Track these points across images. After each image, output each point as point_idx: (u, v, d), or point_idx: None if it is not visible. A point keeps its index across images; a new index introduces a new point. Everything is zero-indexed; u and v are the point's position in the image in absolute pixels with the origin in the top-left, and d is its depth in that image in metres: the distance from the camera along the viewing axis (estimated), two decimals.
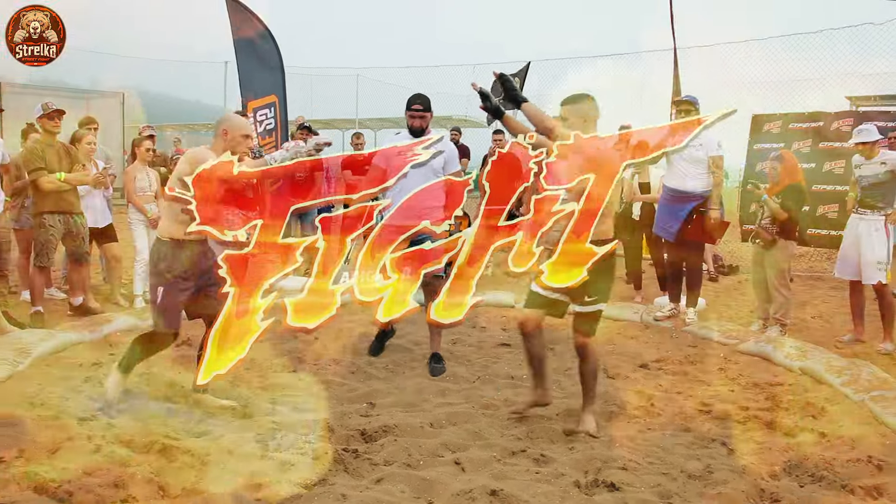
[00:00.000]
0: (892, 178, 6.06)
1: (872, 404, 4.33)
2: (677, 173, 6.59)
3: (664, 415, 4.40)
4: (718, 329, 6.40)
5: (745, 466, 3.53)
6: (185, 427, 3.99)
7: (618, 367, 5.35)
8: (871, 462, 3.53)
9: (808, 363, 5.24)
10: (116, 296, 7.35)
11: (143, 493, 3.12)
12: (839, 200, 9.68)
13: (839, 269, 6.50)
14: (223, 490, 3.17)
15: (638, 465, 3.52)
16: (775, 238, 6.32)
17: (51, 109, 6.43)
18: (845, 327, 6.92)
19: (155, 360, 5.24)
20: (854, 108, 12.09)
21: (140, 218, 7.35)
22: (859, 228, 6.21)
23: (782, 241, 6.34)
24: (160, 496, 3.15)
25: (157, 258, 4.09)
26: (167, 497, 3.16)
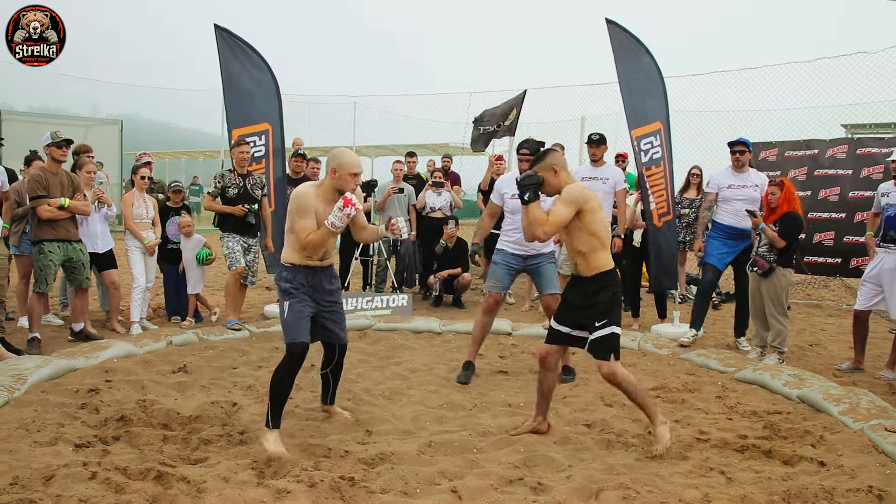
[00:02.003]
0: None
1: (872, 433, 4.31)
2: (736, 213, 6.89)
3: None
4: (716, 357, 6.40)
5: (743, 496, 3.51)
6: (181, 454, 3.97)
7: (615, 395, 5.32)
8: (871, 492, 3.51)
9: (807, 391, 5.23)
10: (114, 322, 7.35)
11: None
12: (835, 228, 9.73)
13: (860, 301, 6.36)
14: None
15: (636, 494, 3.50)
16: (773, 266, 6.33)
17: (60, 139, 6.47)
18: (843, 355, 6.92)
19: (151, 386, 5.25)
20: (849, 136, 12.19)
21: (137, 245, 7.37)
22: (885, 263, 6.12)
23: (780, 268, 6.34)
24: None
25: (280, 280, 4.36)
26: None
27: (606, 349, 4.24)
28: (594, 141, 7.67)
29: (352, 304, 8.33)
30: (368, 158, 25.88)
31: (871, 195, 8.52)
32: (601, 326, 4.24)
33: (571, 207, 4.18)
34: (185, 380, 5.54)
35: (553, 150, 4.51)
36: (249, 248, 7.53)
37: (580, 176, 7.72)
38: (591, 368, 6.05)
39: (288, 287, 4.29)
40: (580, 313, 4.33)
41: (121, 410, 4.54)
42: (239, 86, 8.31)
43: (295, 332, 4.23)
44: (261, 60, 8.42)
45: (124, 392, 5.06)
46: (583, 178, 7.67)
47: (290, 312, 4.25)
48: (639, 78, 7.84)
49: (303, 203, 4.23)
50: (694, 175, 9.70)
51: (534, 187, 4.25)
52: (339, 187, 4.25)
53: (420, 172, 11.20)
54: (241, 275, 7.39)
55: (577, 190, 4.25)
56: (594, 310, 4.26)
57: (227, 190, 7.38)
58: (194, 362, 6.00)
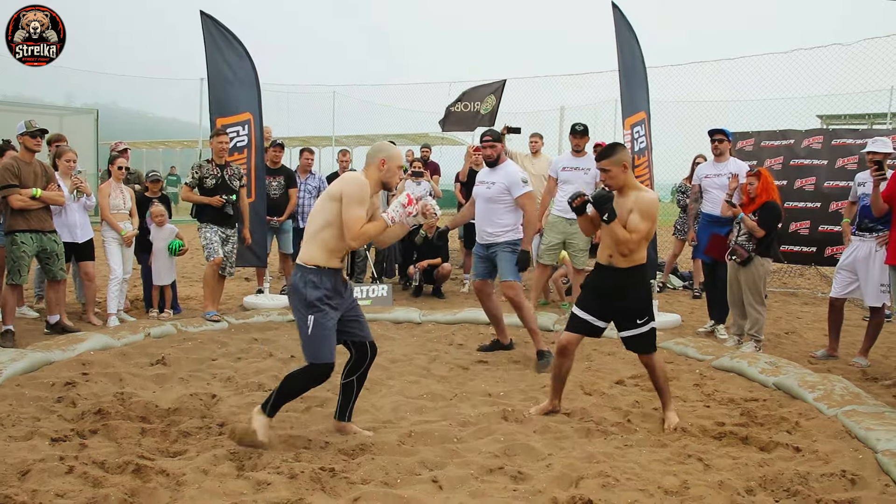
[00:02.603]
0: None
1: (845, 419, 4.37)
2: (714, 201, 7.18)
3: (640, 431, 4.42)
4: (694, 345, 6.45)
5: (721, 482, 3.54)
6: (160, 447, 3.95)
7: (595, 384, 5.37)
8: (844, 476, 3.56)
9: (783, 378, 5.29)
10: (90, 314, 7.28)
11: None
12: (810, 217, 9.82)
13: (836, 289, 6.47)
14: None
15: (616, 482, 3.52)
16: (751, 255, 6.39)
17: (34, 128, 6.40)
18: (818, 343, 7.01)
19: (129, 379, 5.21)
20: (825, 127, 12.31)
21: (114, 236, 7.30)
22: (860, 251, 6.23)
23: (758, 258, 6.40)
24: None
25: (302, 286, 3.89)
26: None
27: (650, 343, 4.46)
28: (578, 132, 7.68)
29: None
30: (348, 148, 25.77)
31: (845, 185, 8.64)
32: (643, 323, 4.43)
33: (650, 223, 4.31)
34: (163, 372, 5.51)
35: (622, 147, 4.48)
36: (227, 238, 7.48)
37: (561, 165, 7.74)
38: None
39: (315, 298, 3.86)
40: (613, 306, 4.45)
41: (98, 403, 4.50)
42: (223, 74, 8.25)
43: (320, 352, 3.88)
44: (242, 49, 8.37)
45: (102, 385, 5.02)
46: (564, 167, 7.70)
47: (315, 328, 3.86)
48: (634, 66, 7.86)
49: (363, 192, 3.87)
50: (698, 164, 9.61)
51: (610, 205, 4.29)
52: (385, 179, 4.03)
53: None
54: (219, 265, 7.35)
55: (656, 205, 4.36)
56: (634, 306, 4.42)
57: (205, 180, 7.32)
58: (173, 354, 5.96)
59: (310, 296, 3.86)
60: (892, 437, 3.98)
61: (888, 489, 3.44)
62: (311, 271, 3.90)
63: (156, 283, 7.70)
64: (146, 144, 34.87)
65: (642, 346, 4.47)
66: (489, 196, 6.15)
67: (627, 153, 4.46)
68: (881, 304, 6.18)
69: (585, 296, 4.57)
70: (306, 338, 3.90)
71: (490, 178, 6.20)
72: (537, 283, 8.14)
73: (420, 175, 9.76)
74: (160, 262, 7.66)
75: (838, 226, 9.28)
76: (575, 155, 7.72)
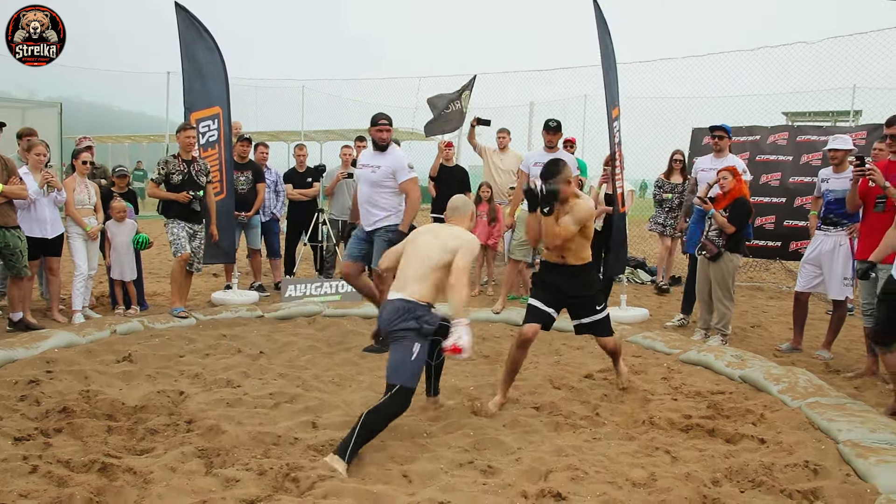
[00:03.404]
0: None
1: (809, 410, 4.46)
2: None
3: (609, 424, 4.46)
4: (662, 339, 6.52)
5: (688, 474, 3.59)
6: (127, 445, 3.90)
7: (563, 378, 5.40)
8: (807, 466, 3.63)
9: (748, 371, 5.38)
10: (55, 311, 7.16)
11: None
12: (775, 212, 9.97)
13: (801, 283, 6.56)
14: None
15: (584, 475, 3.55)
16: (721, 250, 6.47)
17: None
18: (783, 336, 7.12)
19: (95, 376, 5.14)
20: (790, 124, 12.49)
21: (79, 232, 7.18)
22: (824, 245, 6.32)
23: (728, 253, 6.48)
24: None
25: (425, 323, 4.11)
26: None
27: (608, 327, 4.97)
28: (552, 128, 7.71)
29: (301, 291, 8.28)
30: (317, 143, 25.60)
31: (810, 181, 8.79)
32: (602, 309, 4.91)
33: (580, 226, 4.68)
34: (130, 369, 5.44)
35: (564, 163, 4.71)
36: (195, 234, 7.40)
37: (533, 161, 7.76)
38: (541, 352, 6.14)
39: (428, 332, 4.12)
40: (571, 298, 4.87)
41: (63, 402, 4.43)
42: (197, 68, 8.17)
43: (416, 378, 4.06)
44: (212, 42, 8.28)
45: (66, 383, 4.94)
46: (536, 163, 7.72)
47: (419, 356, 4.06)
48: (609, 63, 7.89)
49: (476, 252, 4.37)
50: (676, 161, 9.69)
51: (554, 202, 4.60)
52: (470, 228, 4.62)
53: None
54: (186, 261, 7.27)
55: (590, 212, 4.74)
56: (590, 295, 4.88)
57: (172, 176, 7.23)
58: (139, 351, 5.89)
59: (425, 330, 4.10)
60: (854, 427, 4.07)
61: (849, 479, 3.51)
62: (424, 307, 4.16)
63: (117, 279, 7.58)
64: (112, 139, 34.34)
65: (603, 329, 4.94)
66: (374, 179, 6.24)
67: (569, 169, 4.74)
68: (844, 298, 6.30)
69: (545, 291, 4.86)
70: (409, 363, 4.03)
71: (376, 162, 6.29)
72: (508, 278, 8.17)
73: None
74: (121, 257, 7.54)
75: (803, 221, 9.45)
76: (547, 151, 7.75)
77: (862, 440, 3.90)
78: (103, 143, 30.55)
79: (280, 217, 9.59)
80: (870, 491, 3.36)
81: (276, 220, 9.45)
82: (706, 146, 10.39)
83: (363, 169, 6.35)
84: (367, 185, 6.29)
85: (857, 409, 4.45)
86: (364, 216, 6.36)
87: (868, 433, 3.98)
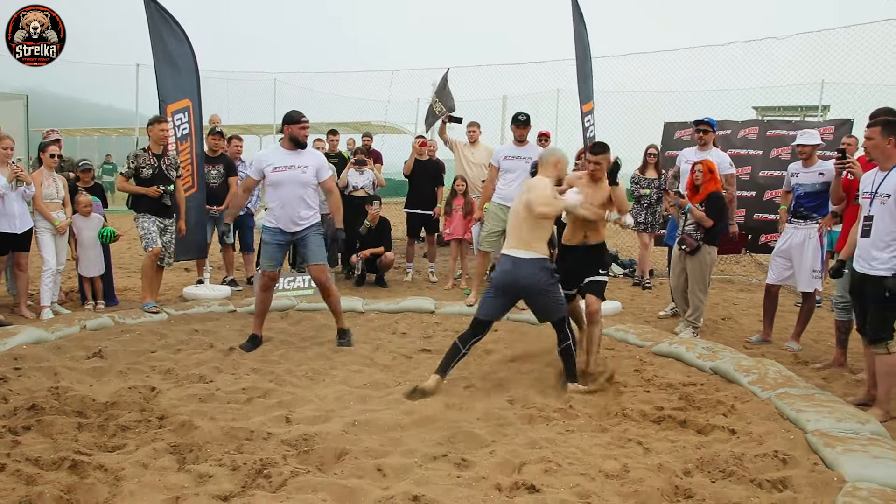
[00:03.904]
0: (826, 188, 6.22)
1: (778, 401, 4.52)
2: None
3: (582, 416, 4.49)
4: (635, 331, 6.57)
5: (660, 464, 3.63)
6: (98, 441, 3.86)
7: (537, 371, 5.42)
8: (776, 456, 3.69)
9: (719, 363, 5.44)
10: (23, 307, 7.05)
11: None
12: (746, 206, 10.07)
13: (771, 276, 6.66)
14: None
15: (557, 467, 3.58)
16: (700, 244, 6.54)
17: None
18: (753, 328, 7.21)
19: (64, 373, 5.07)
20: (760, 118, 12.63)
21: (47, 226, 7.07)
22: (794, 238, 6.42)
23: (706, 246, 6.55)
24: None
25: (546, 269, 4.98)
26: None
27: (602, 289, 5.55)
28: (521, 122, 7.72)
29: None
30: None
31: (779, 175, 8.90)
32: (605, 273, 5.60)
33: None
34: (100, 365, 5.37)
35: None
36: (165, 228, 7.33)
37: (503, 155, 7.78)
38: (515, 344, 6.15)
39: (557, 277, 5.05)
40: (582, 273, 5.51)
41: (32, 399, 4.37)
42: (167, 60, 8.07)
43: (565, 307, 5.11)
44: (182, 34, 8.18)
45: (35, 380, 4.88)
46: (506, 157, 7.74)
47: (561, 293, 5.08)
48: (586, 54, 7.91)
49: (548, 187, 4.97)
50: (651, 155, 9.69)
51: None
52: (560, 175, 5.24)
53: (341, 151, 11.08)
54: (157, 256, 7.19)
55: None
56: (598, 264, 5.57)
57: (142, 170, 7.13)
58: (110, 347, 5.82)
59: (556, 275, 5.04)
60: (821, 417, 4.14)
61: (817, 468, 3.57)
62: (547, 260, 4.98)
63: (83, 275, 7.48)
64: (80, 132, 33.83)
65: (599, 289, 5.52)
66: (305, 180, 6.05)
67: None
68: (812, 290, 6.39)
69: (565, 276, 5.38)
70: (562, 302, 5.05)
71: (302, 162, 6.06)
72: (480, 270, 8.19)
73: (363, 164, 9.70)
74: (88, 252, 7.44)
75: (773, 214, 9.55)
76: (517, 144, 7.77)
77: (829, 430, 3.97)
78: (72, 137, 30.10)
79: (255, 211, 9.52)
80: (836, 479, 3.42)
81: (250, 215, 9.37)
82: (678, 140, 10.50)
83: (292, 171, 6.02)
84: (298, 186, 6.01)
85: (825, 399, 4.53)
86: (292, 218, 6.06)
87: (835, 423, 4.05)
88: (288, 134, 6.09)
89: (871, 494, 3.18)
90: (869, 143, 4.71)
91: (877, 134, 4.59)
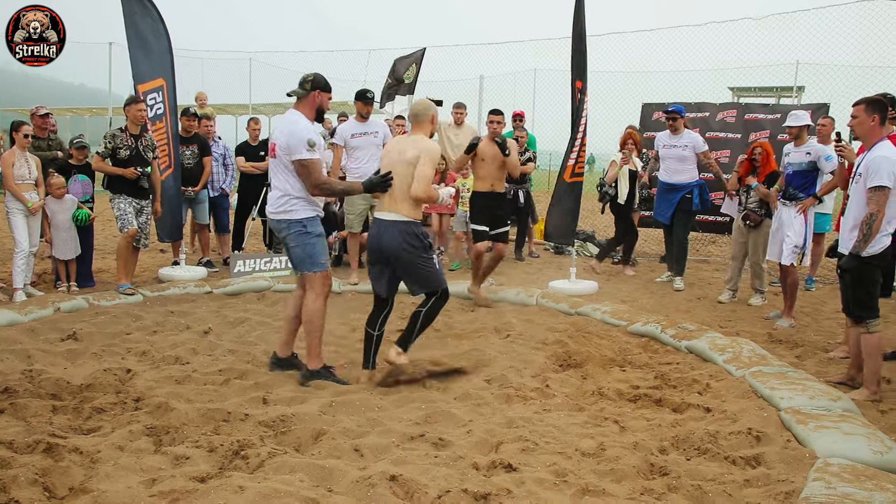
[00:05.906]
0: (813, 168, 6.51)
1: (752, 379, 4.58)
2: (668, 170, 8.29)
3: (559, 395, 4.52)
4: (610, 311, 6.61)
5: (635, 443, 3.67)
6: (73, 424, 3.83)
7: (514, 351, 5.45)
8: (750, 434, 3.74)
9: (695, 342, 5.49)
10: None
11: (28, 495, 2.96)
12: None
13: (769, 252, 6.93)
14: (114, 488, 3.05)
15: (535, 446, 3.60)
16: (763, 218, 7.13)
17: None
18: (727, 307, 7.29)
19: (38, 355, 5.02)
20: (737, 100, 12.69)
21: (19, 207, 6.96)
22: (783, 216, 6.68)
23: (767, 220, 7.06)
24: (46, 498, 3.00)
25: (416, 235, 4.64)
26: (54, 498, 3.02)
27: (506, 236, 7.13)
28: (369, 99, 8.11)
29: (250, 266, 8.19)
30: (265, 117, 25.16)
31: None
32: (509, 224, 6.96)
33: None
34: (75, 347, 5.32)
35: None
36: (142, 209, 7.25)
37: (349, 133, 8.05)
38: (487, 332, 6.17)
39: (429, 242, 4.76)
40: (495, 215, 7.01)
41: (4, 382, 4.32)
42: (141, 38, 7.94)
43: (443, 279, 4.81)
44: (156, 12, 8.05)
45: (8, 363, 4.82)
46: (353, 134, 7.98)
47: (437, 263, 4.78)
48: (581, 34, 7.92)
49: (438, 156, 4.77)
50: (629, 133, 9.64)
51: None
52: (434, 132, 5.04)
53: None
54: (133, 237, 7.12)
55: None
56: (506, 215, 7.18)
57: (119, 151, 7.04)
58: (85, 329, 5.77)
59: (426, 241, 4.70)
60: (794, 395, 4.19)
61: (790, 444, 3.63)
62: (416, 224, 4.68)
63: (58, 258, 7.39)
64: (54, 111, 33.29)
65: (506, 237, 7.12)
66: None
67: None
68: (789, 263, 6.50)
69: (480, 214, 7.03)
70: (435, 272, 4.71)
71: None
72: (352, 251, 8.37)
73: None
74: (61, 235, 7.34)
75: None
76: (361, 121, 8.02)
77: (802, 407, 4.03)
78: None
79: (229, 192, 9.43)
80: (809, 456, 3.47)
81: (225, 196, 9.29)
82: (656, 121, 10.52)
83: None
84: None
85: (798, 377, 4.59)
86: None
87: (808, 400, 4.11)
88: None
89: (842, 470, 3.23)
90: (853, 122, 4.77)
91: (861, 112, 4.66)
